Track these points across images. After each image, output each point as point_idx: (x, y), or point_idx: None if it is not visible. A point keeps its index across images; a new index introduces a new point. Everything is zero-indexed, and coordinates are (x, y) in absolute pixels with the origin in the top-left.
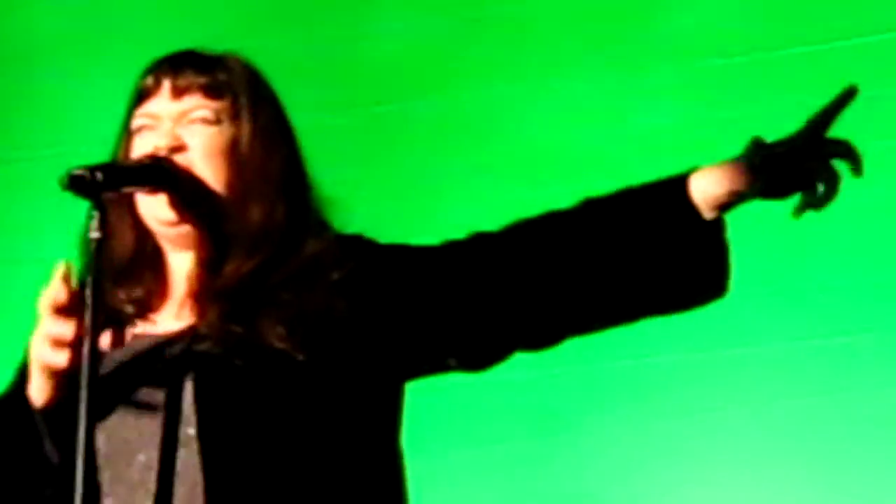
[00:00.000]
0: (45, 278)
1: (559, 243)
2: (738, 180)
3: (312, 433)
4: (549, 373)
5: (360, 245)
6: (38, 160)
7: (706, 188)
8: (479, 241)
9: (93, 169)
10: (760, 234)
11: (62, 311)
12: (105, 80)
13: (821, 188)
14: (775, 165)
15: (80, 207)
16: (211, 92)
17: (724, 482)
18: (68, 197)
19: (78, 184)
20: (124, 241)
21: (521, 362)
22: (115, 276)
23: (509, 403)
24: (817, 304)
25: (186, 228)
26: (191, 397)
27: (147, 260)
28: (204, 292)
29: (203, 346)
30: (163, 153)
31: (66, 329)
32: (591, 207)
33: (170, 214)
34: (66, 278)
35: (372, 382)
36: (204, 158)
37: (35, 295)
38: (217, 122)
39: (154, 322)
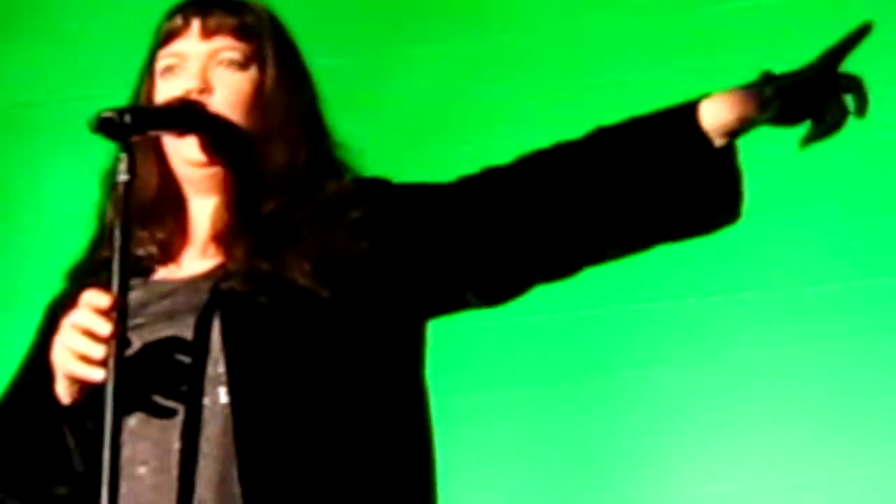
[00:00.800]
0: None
1: (571, 172)
2: (748, 108)
3: (338, 369)
4: (578, 314)
5: (377, 186)
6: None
7: (716, 115)
8: (492, 175)
9: (122, 111)
10: (780, 175)
11: (103, 316)
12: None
13: (829, 119)
14: (786, 97)
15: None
16: (240, 34)
17: (748, 426)
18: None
19: (107, 126)
20: (149, 183)
21: (553, 302)
22: (138, 217)
23: (543, 345)
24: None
25: (215, 170)
26: (218, 335)
27: (170, 203)
28: (230, 231)
29: (229, 284)
30: (193, 96)
31: (100, 349)
32: (602, 136)
33: (200, 156)
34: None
35: (395, 319)
36: (232, 103)
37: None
38: (245, 65)
39: (178, 265)
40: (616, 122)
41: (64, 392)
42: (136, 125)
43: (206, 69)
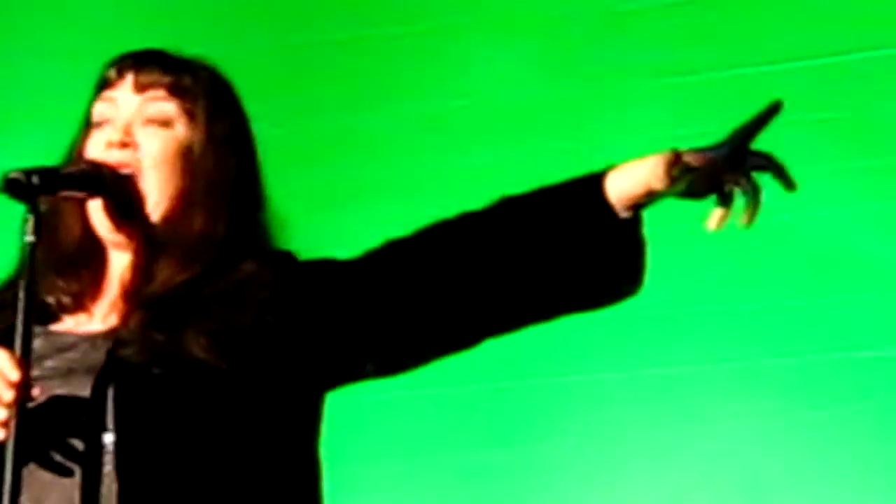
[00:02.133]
0: None
1: (472, 243)
2: (656, 182)
3: (230, 442)
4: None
5: (284, 260)
6: None
7: (622, 187)
8: (393, 247)
9: (29, 172)
10: (768, 246)
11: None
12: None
13: (743, 198)
14: (695, 174)
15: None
16: (172, 91)
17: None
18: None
19: (14, 187)
20: (71, 233)
21: (490, 373)
22: (57, 265)
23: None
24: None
25: (121, 235)
26: (111, 404)
27: (89, 256)
28: (132, 297)
29: (125, 352)
30: (102, 152)
31: (2, 412)
32: (506, 206)
33: (104, 221)
34: (21, 363)
35: (292, 392)
36: (154, 162)
37: None
38: (171, 123)
39: (88, 316)
40: (521, 191)
41: None
42: (44, 186)
43: (133, 123)
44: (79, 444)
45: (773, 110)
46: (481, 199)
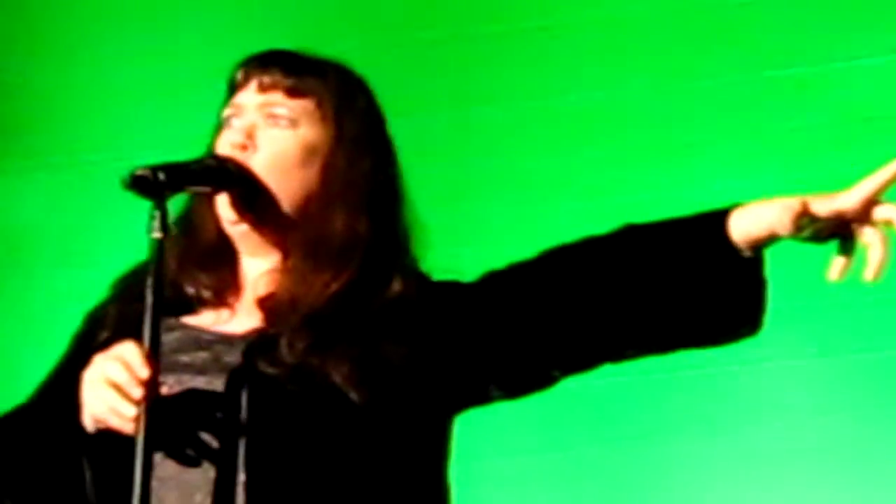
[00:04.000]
0: (98, 281)
1: (596, 271)
2: (781, 228)
3: (359, 471)
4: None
5: (423, 282)
6: (94, 164)
7: (747, 227)
8: (517, 271)
9: (155, 169)
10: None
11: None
12: (160, 85)
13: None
14: (820, 225)
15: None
16: (294, 92)
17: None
18: (122, 201)
19: (141, 184)
20: (207, 230)
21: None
22: (198, 259)
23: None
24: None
25: (246, 228)
26: (245, 414)
27: (223, 255)
28: (285, 304)
29: (262, 360)
30: (228, 152)
31: (132, 409)
32: (630, 236)
33: (230, 213)
34: (150, 360)
35: (423, 420)
36: (275, 162)
37: (86, 297)
38: (294, 123)
39: (231, 313)
40: (646, 221)
41: (89, 423)
42: (170, 183)
43: (255, 125)
44: (210, 440)
45: None
46: (592, 195)
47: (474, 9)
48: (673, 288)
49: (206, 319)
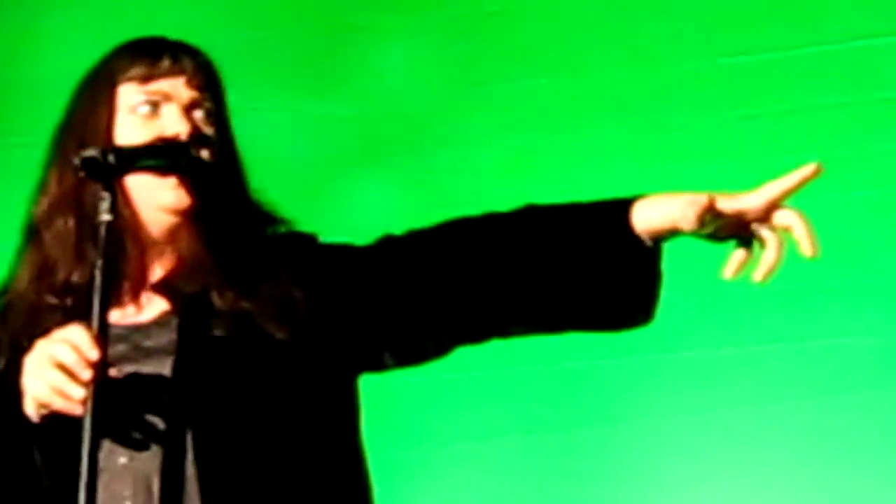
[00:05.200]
0: None
1: (492, 244)
2: (684, 223)
3: (289, 411)
4: (563, 366)
5: (308, 242)
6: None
7: (650, 218)
8: (414, 239)
9: (105, 151)
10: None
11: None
12: None
13: (764, 250)
14: (721, 222)
15: None
16: (211, 87)
17: (731, 482)
18: None
19: (90, 166)
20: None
21: (570, 352)
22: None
23: (528, 396)
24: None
25: (188, 216)
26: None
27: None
28: (199, 273)
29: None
30: (183, 138)
31: (81, 390)
32: (532, 214)
33: (185, 200)
34: (99, 341)
35: (336, 367)
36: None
37: None
38: (215, 118)
39: (124, 311)
40: (550, 202)
41: (34, 412)
42: (120, 165)
43: (190, 116)
44: (158, 423)
45: (813, 173)
46: (564, 178)
47: None
48: (568, 269)
49: (114, 317)
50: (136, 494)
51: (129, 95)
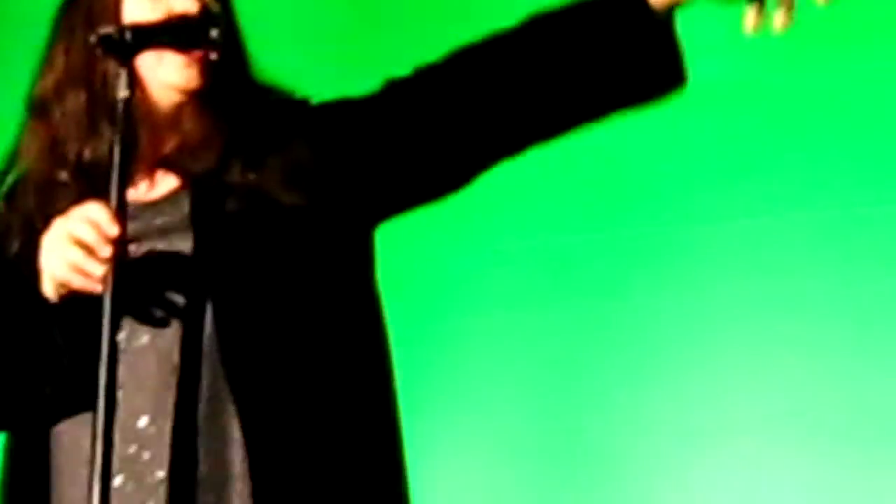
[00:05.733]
0: None
1: (506, 54)
2: None
3: (304, 277)
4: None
5: (304, 104)
6: None
7: None
8: (423, 74)
9: (122, 29)
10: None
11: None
12: None
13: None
14: None
15: None
16: None
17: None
18: None
19: (108, 43)
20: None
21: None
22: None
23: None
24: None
25: (196, 94)
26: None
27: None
28: (206, 149)
29: (207, 202)
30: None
31: (100, 268)
32: (542, 17)
33: (195, 79)
34: (119, 218)
35: (349, 223)
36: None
37: None
38: None
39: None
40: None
41: (53, 291)
42: (137, 42)
43: None
44: (178, 299)
45: None
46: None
47: None
48: (590, 52)
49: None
50: (160, 373)
51: None
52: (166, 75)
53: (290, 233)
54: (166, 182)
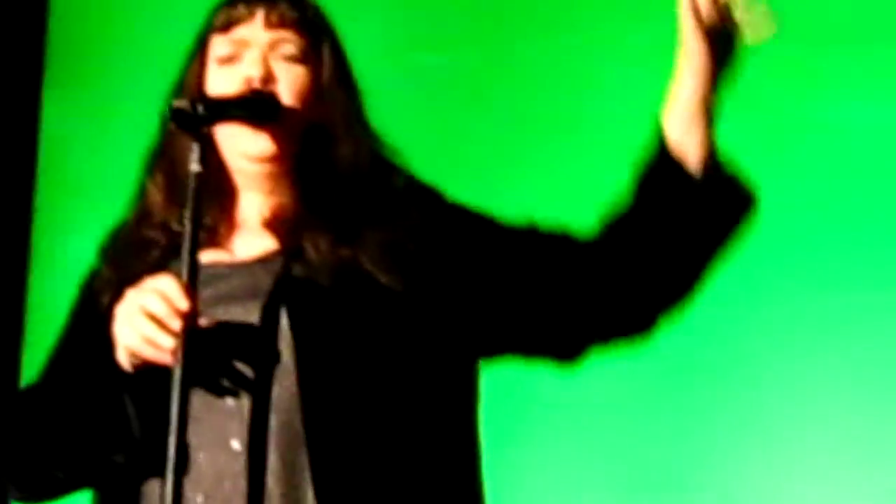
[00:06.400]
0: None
1: (614, 256)
2: (695, 63)
3: (402, 358)
4: None
5: (432, 196)
6: None
7: (679, 107)
8: (557, 244)
9: (195, 101)
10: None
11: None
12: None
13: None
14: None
15: None
16: (301, 28)
17: None
18: None
19: (180, 117)
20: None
21: None
22: (182, 198)
23: None
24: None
25: (278, 165)
26: (286, 323)
27: (215, 191)
28: (299, 221)
29: (299, 271)
30: (256, 84)
31: (171, 340)
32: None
33: (270, 148)
34: (190, 292)
35: (454, 317)
36: (294, 94)
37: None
38: (304, 59)
39: (227, 251)
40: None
41: (126, 361)
42: (210, 115)
43: (268, 59)
44: (246, 370)
45: None
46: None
47: None
48: (664, 232)
49: (211, 257)
50: (241, 435)
51: (216, 46)
52: (239, 145)
53: (384, 311)
54: (263, 243)
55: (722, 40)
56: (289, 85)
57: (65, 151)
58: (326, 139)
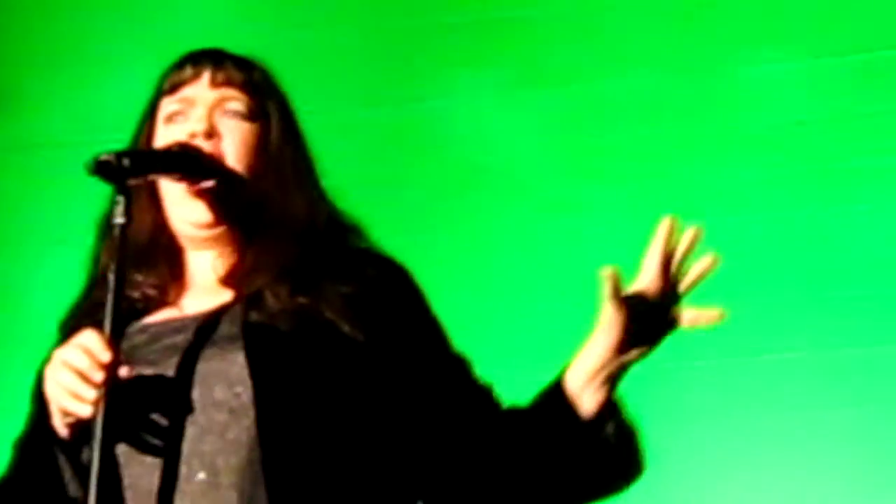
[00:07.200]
0: (72, 260)
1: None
2: (609, 337)
3: (365, 406)
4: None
5: (395, 271)
6: (63, 147)
7: (583, 368)
8: (487, 411)
9: (119, 154)
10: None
11: (100, 369)
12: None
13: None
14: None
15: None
16: (247, 88)
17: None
18: (93, 183)
19: (104, 169)
20: (143, 227)
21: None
22: (133, 260)
23: None
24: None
25: (220, 230)
26: (244, 367)
27: (164, 250)
28: (257, 271)
29: (257, 318)
30: (197, 141)
31: (93, 392)
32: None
33: (207, 216)
34: (111, 344)
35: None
36: (238, 150)
37: (62, 277)
38: (251, 116)
39: (178, 309)
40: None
41: (59, 425)
42: (135, 168)
43: (213, 115)
44: (163, 422)
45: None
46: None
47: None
48: (549, 468)
49: (164, 315)
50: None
51: (164, 107)
52: (180, 210)
53: (344, 356)
54: (216, 300)
55: (645, 325)
56: (234, 141)
57: None
58: (277, 196)
